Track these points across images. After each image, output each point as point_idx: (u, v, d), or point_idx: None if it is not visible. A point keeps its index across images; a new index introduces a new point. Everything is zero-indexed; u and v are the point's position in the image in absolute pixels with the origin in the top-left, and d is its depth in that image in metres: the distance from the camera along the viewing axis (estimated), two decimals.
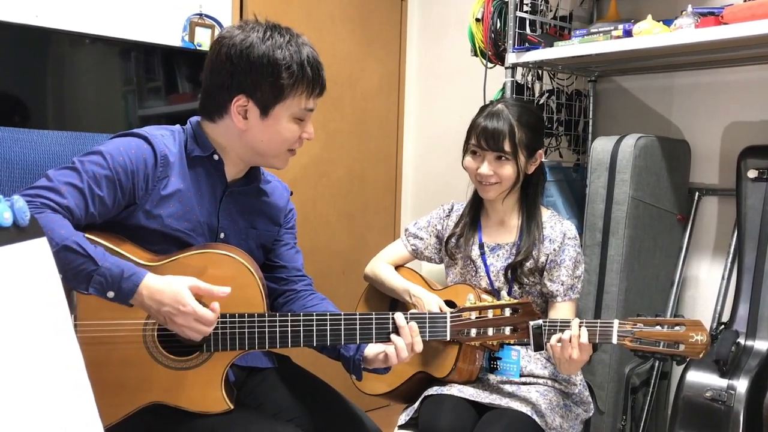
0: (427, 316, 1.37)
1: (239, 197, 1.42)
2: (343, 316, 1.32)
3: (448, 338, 1.39)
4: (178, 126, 1.39)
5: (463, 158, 1.71)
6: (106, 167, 1.22)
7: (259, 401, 1.41)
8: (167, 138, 1.32)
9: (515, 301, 1.39)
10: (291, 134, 1.34)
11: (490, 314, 1.38)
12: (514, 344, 1.57)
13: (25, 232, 0.79)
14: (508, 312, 1.38)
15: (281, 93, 1.29)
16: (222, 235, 1.39)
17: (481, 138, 1.63)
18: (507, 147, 1.61)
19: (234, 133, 1.33)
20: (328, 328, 1.31)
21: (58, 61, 2.05)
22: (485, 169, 1.64)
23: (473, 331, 1.38)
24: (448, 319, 1.37)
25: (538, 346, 1.39)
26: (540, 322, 1.38)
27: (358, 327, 1.32)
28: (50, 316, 0.81)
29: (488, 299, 1.43)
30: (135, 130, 1.31)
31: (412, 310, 1.39)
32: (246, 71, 1.27)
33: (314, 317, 1.31)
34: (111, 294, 1.15)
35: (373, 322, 1.33)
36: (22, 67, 1.98)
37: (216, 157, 1.35)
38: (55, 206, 1.17)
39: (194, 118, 1.39)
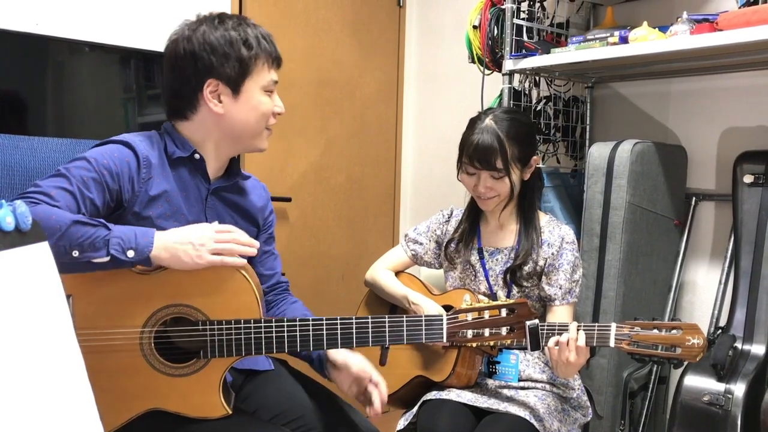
0: (423, 318, 1.38)
1: (222, 194, 1.45)
2: (339, 321, 1.33)
3: (445, 340, 1.38)
4: (153, 131, 1.41)
5: (457, 173, 1.72)
6: (92, 170, 1.24)
7: (257, 404, 1.41)
8: (145, 143, 1.35)
9: (511, 301, 1.38)
10: (265, 107, 1.39)
11: (486, 315, 1.37)
12: (512, 346, 1.57)
13: (26, 236, 0.80)
14: (504, 312, 1.37)
15: (246, 67, 1.34)
16: None
17: (474, 159, 1.63)
18: (499, 164, 1.61)
19: (211, 121, 1.36)
20: (325, 332, 1.32)
21: (58, 68, 2.06)
22: (482, 186, 1.65)
23: (469, 333, 1.37)
24: (444, 321, 1.38)
25: (536, 346, 1.38)
26: (536, 321, 1.38)
27: (354, 331, 1.33)
28: (51, 320, 0.81)
29: (485, 300, 1.43)
30: (113, 138, 1.34)
31: (409, 315, 1.40)
32: (209, 55, 1.32)
33: (310, 322, 1.31)
34: (131, 253, 1.17)
35: (369, 326, 1.34)
36: (23, 74, 1.99)
37: (197, 156, 1.38)
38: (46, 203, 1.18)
39: (168, 123, 1.41)
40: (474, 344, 1.40)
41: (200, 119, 1.37)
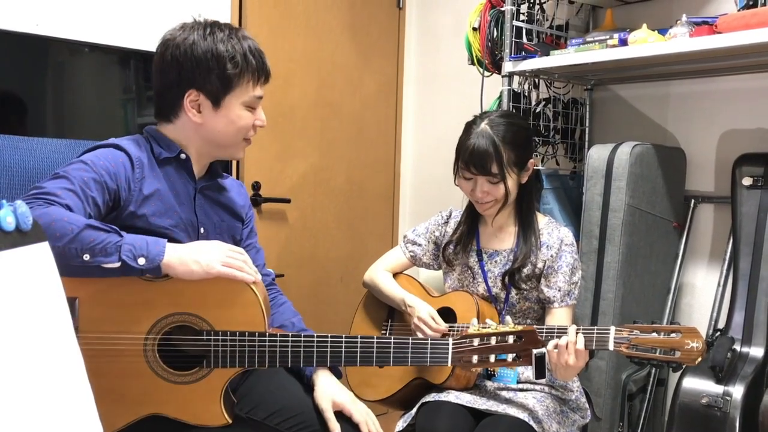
0: (429, 342, 1.37)
1: (207, 192, 1.47)
2: (344, 340, 1.33)
3: (449, 365, 1.38)
4: (137, 135, 1.43)
5: (455, 178, 1.72)
6: (90, 171, 1.25)
7: (255, 401, 1.41)
8: (133, 145, 1.37)
9: (519, 328, 1.35)
10: (245, 122, 1.40)
11: (493, 341, 1.35)
12: None
13: (27, 236, 0.80)
14: (511, 339, 1.34)
15: (229, 83, 1.35)
16: (202, 230, 1.43)
17: (470, 164, 1.63)
18: (495, 170, 1.61)
19: (191, 128, 1.39)
20: (329, 350, 1.33)
21: (57, 69, 2.06)
22: (479, 192, 1.65)
23: (474, 358, 1.35)
24: (450, 346, 1.36)
25: (541, 374, 1.36)
26: (543, 350, 1.34)
27: (358, 351, 1.34)
28: (51, 320, 0.81)
29: (492, 324, 1.42)
30: (102, 142, 1.36)
31: (414, 337, 1.39)
32: (193, 67, 1.33)
33: (315, 339, 1.32)
34: (142, 261, 1.18)
35: (374, 347, 1.34)
36: (23, 75, 1.99)
37: (183, 156, 1.40)
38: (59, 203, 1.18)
39: (149, 127, 1.43)
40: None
41: (181, 124, 1.39)
